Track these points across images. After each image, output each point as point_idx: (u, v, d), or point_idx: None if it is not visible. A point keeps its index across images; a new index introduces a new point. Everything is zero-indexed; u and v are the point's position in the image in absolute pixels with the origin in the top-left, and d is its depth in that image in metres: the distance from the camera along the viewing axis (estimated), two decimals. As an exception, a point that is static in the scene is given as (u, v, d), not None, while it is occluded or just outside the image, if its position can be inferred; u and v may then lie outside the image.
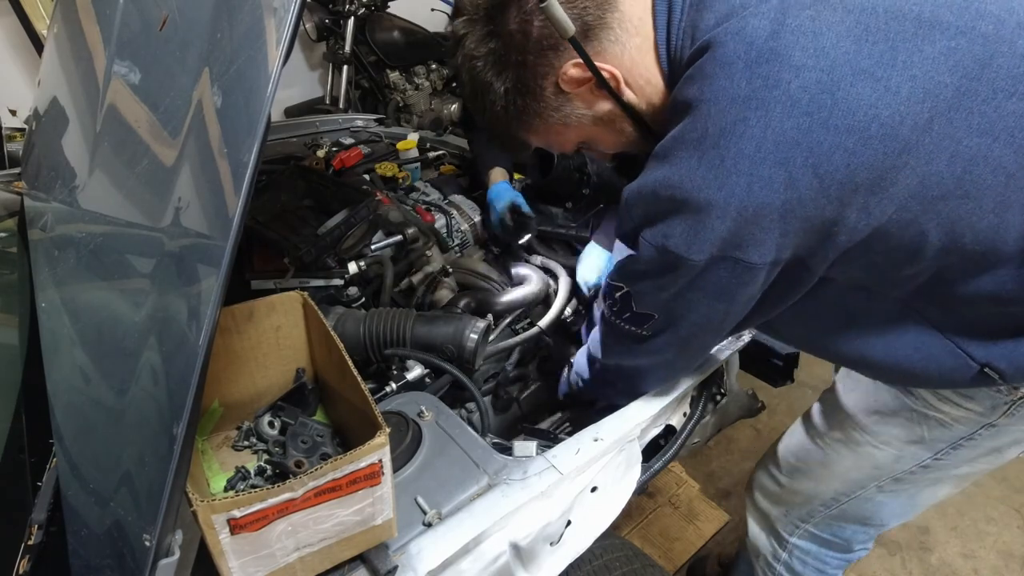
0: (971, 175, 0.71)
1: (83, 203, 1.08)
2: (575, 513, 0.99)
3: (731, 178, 0.70)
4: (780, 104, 0.68)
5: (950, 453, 1.02)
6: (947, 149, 0.70)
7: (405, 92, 3.73)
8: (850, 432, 1.11)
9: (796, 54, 0.68)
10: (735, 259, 0.75)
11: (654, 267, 0.82)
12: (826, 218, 0.72)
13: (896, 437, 1.05)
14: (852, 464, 1.13)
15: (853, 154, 0.68)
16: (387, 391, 1.15)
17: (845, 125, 0.67)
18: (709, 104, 0.71)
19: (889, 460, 1.09)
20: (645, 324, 0.92)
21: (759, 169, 0.69)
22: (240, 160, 0.61)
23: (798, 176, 0.69)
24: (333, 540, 0.76)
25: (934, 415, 0.99)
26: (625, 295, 0.90)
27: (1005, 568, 1.93)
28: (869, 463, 1.11)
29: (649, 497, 2.12)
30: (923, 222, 0.73)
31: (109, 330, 0.89)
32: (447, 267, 1.49)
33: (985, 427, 0.96)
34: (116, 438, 0.80)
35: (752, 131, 0.69)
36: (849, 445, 1.12)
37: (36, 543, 0.79)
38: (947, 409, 0.97)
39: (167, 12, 0.84)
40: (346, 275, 1.39)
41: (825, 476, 1.18)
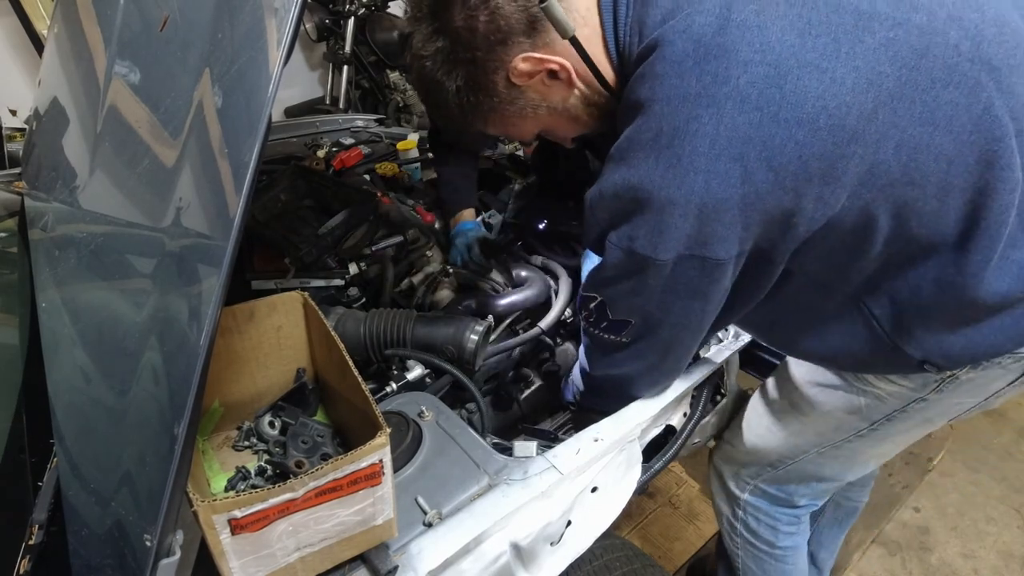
0: (915, 163, 0.74)
1: (83, 203, 1.08)
2: (575, 513, 0.99)
3: (688, 176, 0.72)
4: (731, 100, 0.69)
5: (884, 424, 1.07)
6: (892, 138, 0.72)
7: (405, 92, 3.73)
8: (796, 401, 1.16)
9: (743, 49, 0.69)
10: (702, 257, 0.77)
11: (623, 271, 0.83)
12: (784, 209, 0.74)
13: (836, 407, 1.10)
14: (796, 429, 1.19)
15: (804, 146, 0.70)
16: (387, 391, 1.15)
17: (795, 118, 0.69)
18: (662, 103, 0.73)
19: (829, 428, 1.14)
20: (623, 331, 0.93)
21: (715, 165, 0.71)
22: (241, 160, 0.61)
23: (753, 170, 0.71)
24: (334, 540, 0.76)
25: (871, 390, 1.04)
26: (600, 304, 0.92)
27: (1005, 568, 1.93)
28: (811, 430, 1.17)
29: (649, 497, 2.12)
30: (873, 208, 0.76)
31: (110, 330, 0.89)
32: (447, 267, 1.49)
33: (917, 401, 1.01)
34: (117, 438, 0.80)
35: (705, 128, 0.70)
36: (794, 412, 1.18)
37: (37, 543, 0.79)
38: (883, 385, 1.02)
39: (168, 12, 0.84)
40: (346, 275, 1.39)
41: (771, 439, 1.24)
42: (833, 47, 0.69)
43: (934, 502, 2.11)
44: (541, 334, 1.36)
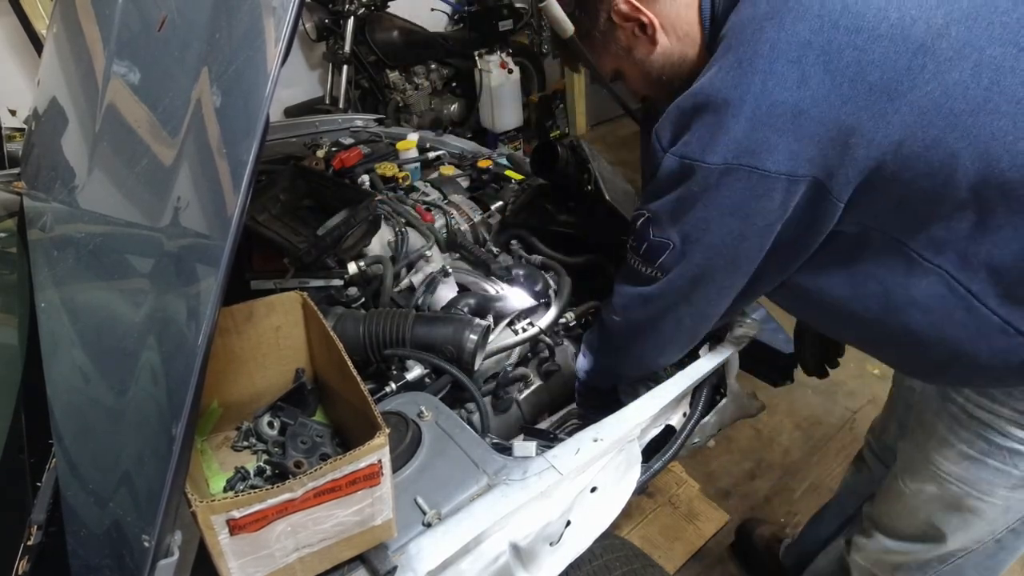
0: (999, 86, 0.69)
1: (82, 203, 1.08)
2: (575, 513, 0.99)
3: (746, 76, 0.75)
4: (793, 12, 0.74)
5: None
6: (969, 57, 0.69)
7: (405, 92, 3.73)
8: (945, 485, 1.01)
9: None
10: (750, 167, 0.76)
11: (671, 180, 0.84)
12: (841, 123, 0.72)
13: (996, 484, 0.96)
14: (960, 521, 1.03)
15: (863, 51, 0.70)
16: (387, 391, 1.15)
17: (855, 25, 0.71)
18: (734, 30, 0.80)
19: (998, 512, 0.99)
20: (660, 256, 0.91)
21: (773, 66, 0.73)
22: (239, 160, 0.61)
23: (810, 73, 0.72)
24: (333, 540, 0.76)
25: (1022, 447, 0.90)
26: (644, 221, 0.91)
27: (1005, 568, 1.92)
28: (978, 519, 1.01)
29: (649, 497, 2.12)
30: (951, 141, 0.71)
31: (108, 330, 0.89)
32: (447, 267, 1.49)
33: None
34: (115, 438, 0.79)
35: (767, 35, 0.75)
36: (950, 501, 1.02)
37: (35, 543, 0.79)
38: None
39: (166, 12, 0.84)
40: (346, 275, 1.39)
41: (934, 535, 1.08)
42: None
43: (934, 502, 2.10)
44: (540, 334, 1.36)
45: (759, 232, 0.82)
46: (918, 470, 1.06)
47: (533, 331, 1.36)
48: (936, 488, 1.03)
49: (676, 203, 0.85)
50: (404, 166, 1.96)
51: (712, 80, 0.78)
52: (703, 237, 0.86)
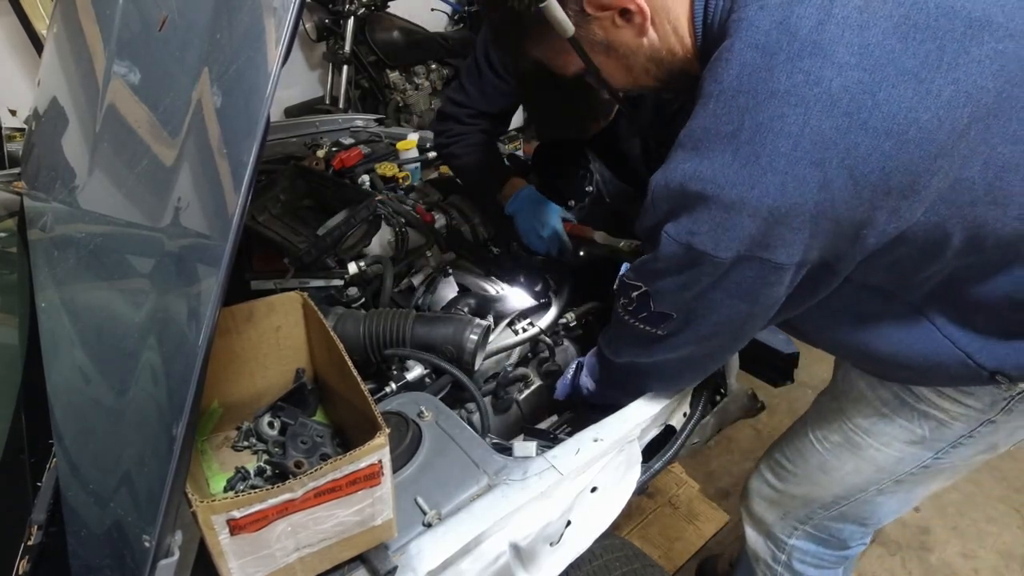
0: (1001, 182, 0.71)
1: (83, 203, 1.08)
2: (575, 513, 0.99)
3: (766, 176, 0.69)
4: (820, 103, 0.66)
5: (950, 452, 1.02)
6: (981, 155, 0.69)
7: (405, 92, 3.73)
8: (850, 435, 1.10)
9: (840, 51, 0.66)
10: (762, 259, 0.74)
11: (676, 265, 0.80)
12: (856, 220, 0.71)
13: (896, 438, 1.04)
14: (853, 468, 1.12)
15: (890, 157, 0.66)
16: (387, 391, 1.15)
17: (884, 128, 0.66)
18: (747, 96, 0.69)
19: (891, 462, 1.08)
20: (662, 324, 0.90)
21: (794, 168, 0.68)
22: (240, 160, 0.61)
23: (833, 177, 0.67)
24: (333, 540, 0.76)
25: (934, 413, 0.99)
26: (643, 294, 0.89)
27: (1005, 568, 1.92)
28: (871, 466, 1.10)
29: (649, 497, 2.11)
30: (949, 226, 0.73)
31: (109, 330, 0.89)
32: (447, 268, 1.49)
33: (984, 423, 0.96)
34: (116, 438, 0.80)
35: (790, 128, 0.67)
36: (850, 448, 1.11)
37: (36, 543, 0.79)
38: (948, 406, 0.97)
39: (166, 12, 0.84)
40: (346, 275, 1.39)
41: (824, 480, 1.17)
42: (936, 55, 0.65)
43: (934, 502, 2.11)
44: (540, 334, 1.36)
45: (766, 310, 0.84)
46: (829, 421, 1.14)
47: (533, 331, 1.36)
48: (840, 437, 1.12)
49: (681, 287, 0.83)
50: (404, 166, 1.96)
51: (725, 171, 0.71)
52: (709, 316, 0.86)
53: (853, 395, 1.09)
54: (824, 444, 1.15)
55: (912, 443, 1.03)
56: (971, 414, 0.96)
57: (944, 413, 0.98)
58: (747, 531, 1.40)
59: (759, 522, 1.35)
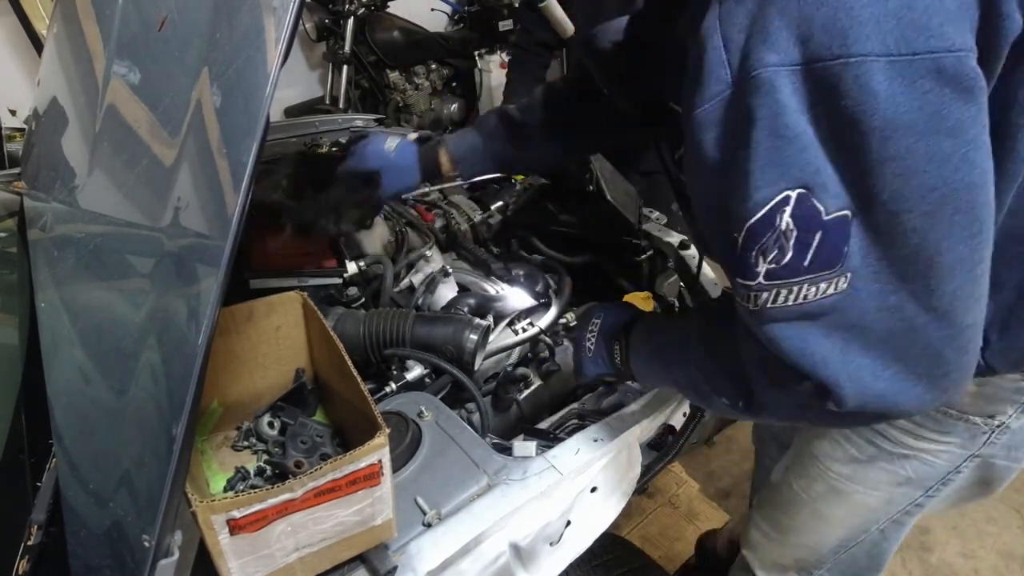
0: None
1: (83, 203, 1.08)
2: (575, 513, 0.99)
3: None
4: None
5: (941, 488, 0.96)
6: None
7: (405, 92, 3.73)
8: (832, 483, 1.04)
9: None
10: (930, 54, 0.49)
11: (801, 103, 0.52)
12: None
13: (882, 481, 0.99)
14: (846, 512, 1.07)
15: None
16: (387, 391, 1.15)
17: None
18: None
19: (882, 503, 1.02)
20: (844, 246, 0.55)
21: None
22: (240, 160, 0.61)
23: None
24: (333, 540, 0.76)
25: (914, 455, 0.93)
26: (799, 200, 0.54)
27: (1005, 568, 1.92)
28: (863, 509, 1.05)
29: (649, 497, 2.12)
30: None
31: (109, 330, 0.89)
32: (447, 267, 1.49)
33: (969, 459, 0.91)
34: (115, 438, 0.80)
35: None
36: (836, 495, 1.05)
37: (36, 543, 0.79)
38: (926, 446, 0.91)
39: (166, 12, 0.84)
40: (346, 275, 1.39)
41: (823, 528, 1.13)
42: None
43: (934, 502, 2.11)
44: (540, 334, 1.36)
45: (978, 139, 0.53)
46: (807, 469, 1.09)
47: (533, 331, 1.36)
48: (823, 486, 1.07)
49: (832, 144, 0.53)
50: (404, 166, 1.96)
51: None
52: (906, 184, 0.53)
53: (825, 443, 1.03)
54: (809, 493, 1.10)
55: (899, 484, 0.98)
56: (953, 451, 0.90)
57: (925, 453, 0.92)
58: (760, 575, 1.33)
59: (775, 566, 1.29)
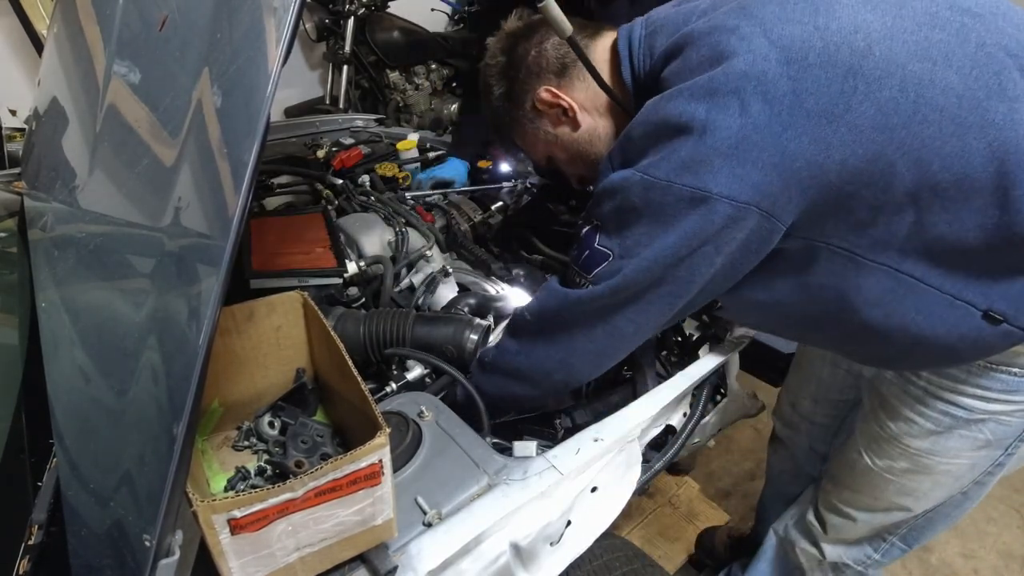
0: (924, 99, 0.75)
1: (83, 203, 1.08)
2: (575, 513, 0.99)
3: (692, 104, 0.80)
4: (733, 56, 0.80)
5: (1019, 445, 1.02)
6: (895, 75, 0.75)
7: (405, 92, 3.73)
8: (915, 459, 1.09)
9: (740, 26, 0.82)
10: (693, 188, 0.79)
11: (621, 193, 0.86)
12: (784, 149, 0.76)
13: (963, 448, 1.03)
14: (931, 484, 1.12)
15: (796, 80, 0.76)
16: (387, 391, 1.15)
17: (785, 58, 0.77)
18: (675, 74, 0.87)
19: (965, 469, 1.08)
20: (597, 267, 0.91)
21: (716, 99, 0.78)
22: (240, 160, 0.61)
23: (749, 102, 0.77)
24: (333, 540, 0.76)
25: (989, 418, 0.98)
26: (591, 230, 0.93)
27: (1005, 568, 1.93)
28: (948, 478, 1.10)
29: (649, 497, 2.12)
30: (888, 153, 0.76)
31: (109, 330, 0.89)
32: (447, 267, 1.49)
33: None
34: (116, 438, 0.80)
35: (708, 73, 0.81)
36: (920, 470, 1.10)
37: (36, 543, 0.79)
38: (998, 408, 0.97)
39: (167, 12, 0.84)
40: (345, 275, 1.39)
41: (909, 501, 1.16)
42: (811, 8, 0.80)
43: (934, 502, 2.11)
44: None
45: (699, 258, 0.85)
46: (885, 450, 1.13)
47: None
48: (907, 462, 1.11)
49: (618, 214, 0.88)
50: (404, 166, 1.96)
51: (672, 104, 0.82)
52: (642, 252, 0.87)
53: (900, 422, 1.08)
54: (893, 472, 1.14)
55: (979, 448, 1.03)
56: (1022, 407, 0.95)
57: (999, 415, 0.97)
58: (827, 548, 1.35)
59: (848, 542, 1.32)
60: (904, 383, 1.05)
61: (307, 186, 1.90)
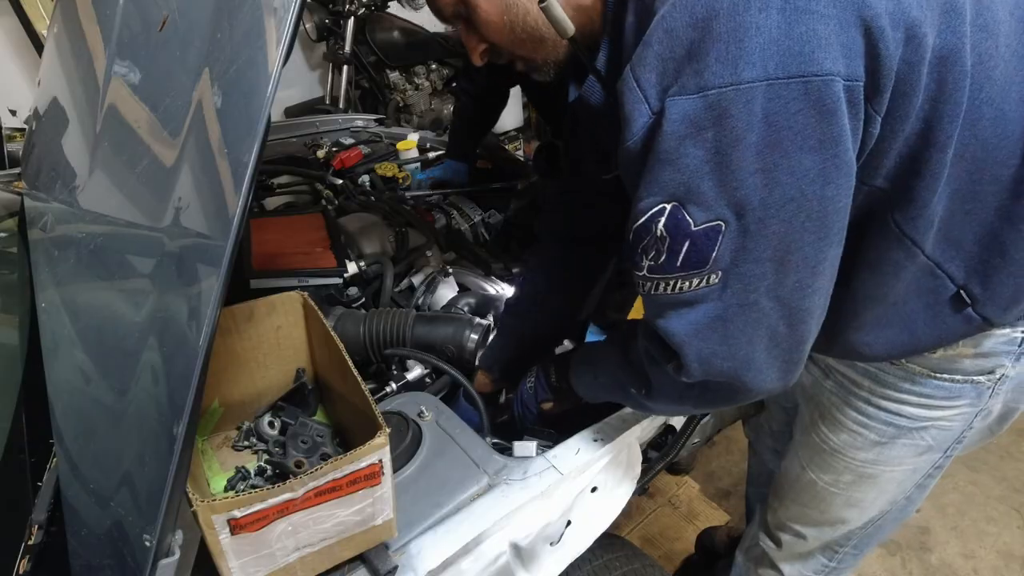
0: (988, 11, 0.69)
1: (83, 203, 1.08)
2: (575, 513, 0.99)
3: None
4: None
5: (957, 447, 1.03)
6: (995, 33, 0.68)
7: (405, 92, 3.73)
8: (860, 470, 1.09)
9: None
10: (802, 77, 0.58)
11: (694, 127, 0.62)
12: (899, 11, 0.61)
13: (906, 456, 1.04)
14: (876, 493, 1.12)
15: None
16: (387, 391, 1.15)
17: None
18: None
19: (907, 474, 1.08)
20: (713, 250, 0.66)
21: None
22: (240, 160, 0.61)
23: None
24: (333, 540, 0.76)
25: (931, 424, 0.99)
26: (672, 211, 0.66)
27: (1005, 568, 1.92)
28: (892, 484, 1.10)
29: (649, 497, 2.12)
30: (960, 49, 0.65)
31: (109, 330, 0.89)
32: (447, 267, 1.49)
33: (979, 414, 0.97)
34: (116, 438, 0.80)
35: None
36: (866, 480, 1.10)
37: (36, 543, 0.79)
38: (940, 414, 0.97)
39: (167, 12, 0.84)
40: (345, 275, 1.39)
41: (855, 513, 1.17)
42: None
43: (934, 502, 2.11)
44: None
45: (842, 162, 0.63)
46: (830, 464, 1.12)
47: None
48: (852, 475, 1.10)
49: (713, 162, 0.62)
50: (404, 166, 1.96)
51: None
52: (770, 195, 0.63)
53: (844, 434, 1.06)
54: (839, 486, 1.13)
55: (921, 453, 1.03)
56: (964, 411, 0.96)
57: (941, 420, 0.98)
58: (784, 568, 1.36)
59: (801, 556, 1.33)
60: (846, 393, 1.04)
61: (307, 186, 1.90)
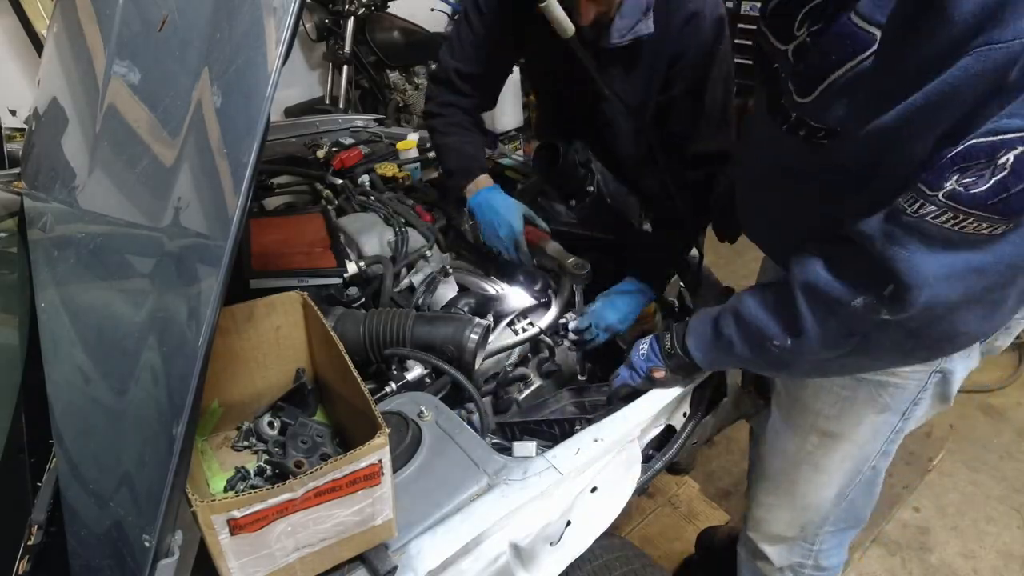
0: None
1: (83, 203, 1.08)
2: (575, 513, 0.99)
3: None
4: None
5: (913, 409, 1.08)
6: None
7: (405, 92, 3.73)
8: (823, 427, 1.13)
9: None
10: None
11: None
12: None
13: (865, 414, 1.09)
14: (841, 457, 1.16)
15: None
16: (387, 391, 1.15)
17: None
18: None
19: (869, 437, 1.12)
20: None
21: None
22: (240, 160, 0.61)
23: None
24: (333, 540, 0.76)
25: (889, 380, 1.03)
26: None
27: (1005, 568, 1.93)
28: (855, 447, 1.14)
29: (649, 497, 2.12)
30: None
31: (109, 330, 0.89)
32: (447, 267, 1.49)
33: (932, 375, 1.02)
34: (116, 438, 0.80)
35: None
36: (830, 439, 1.14)
37: (36, 543, 0.79)
38: (898, 370, 1.02)
39: (167, 12, 0.84)
40: (345, 275, 1.39)
41: (824, 480, 1.20)
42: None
43: (934, 502, 2.11)
44: (540, 334, 1.36)
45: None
46: (798, 424, 1.17)
47: (533, 331, 1.36)
48: (816, 436, 1.15)
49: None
50: (404, 166, 1.96)
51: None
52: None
53: (810, 390, 1.12)
54: (805, 448, 1.18)
55: (879, 412, 1.08)
56: (918, 370, 1.01)
57: (897, 378, 1.03)
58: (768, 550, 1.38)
59: (781, 539, 1.35)
60: None
61: (307, 186, 1.90)
